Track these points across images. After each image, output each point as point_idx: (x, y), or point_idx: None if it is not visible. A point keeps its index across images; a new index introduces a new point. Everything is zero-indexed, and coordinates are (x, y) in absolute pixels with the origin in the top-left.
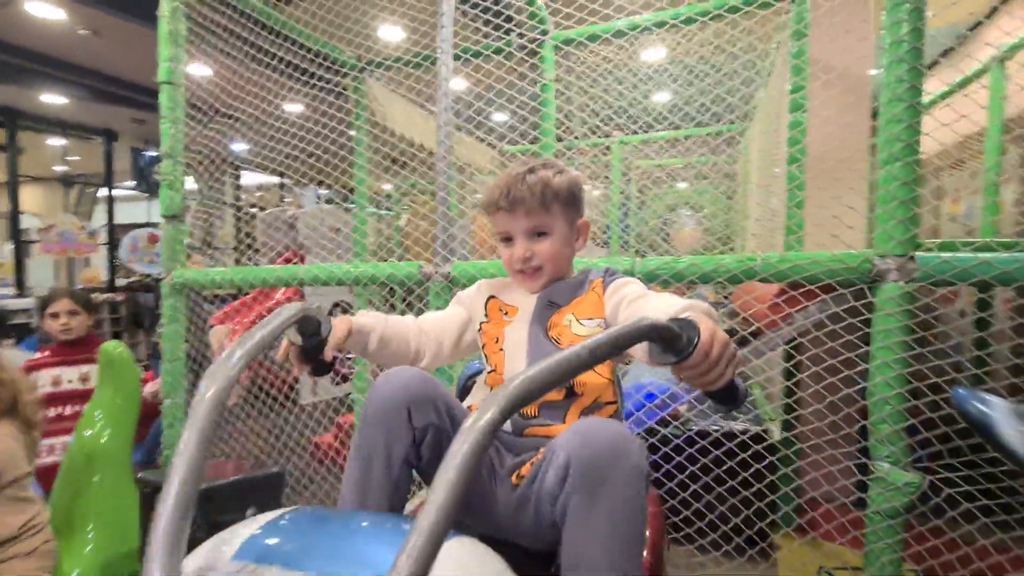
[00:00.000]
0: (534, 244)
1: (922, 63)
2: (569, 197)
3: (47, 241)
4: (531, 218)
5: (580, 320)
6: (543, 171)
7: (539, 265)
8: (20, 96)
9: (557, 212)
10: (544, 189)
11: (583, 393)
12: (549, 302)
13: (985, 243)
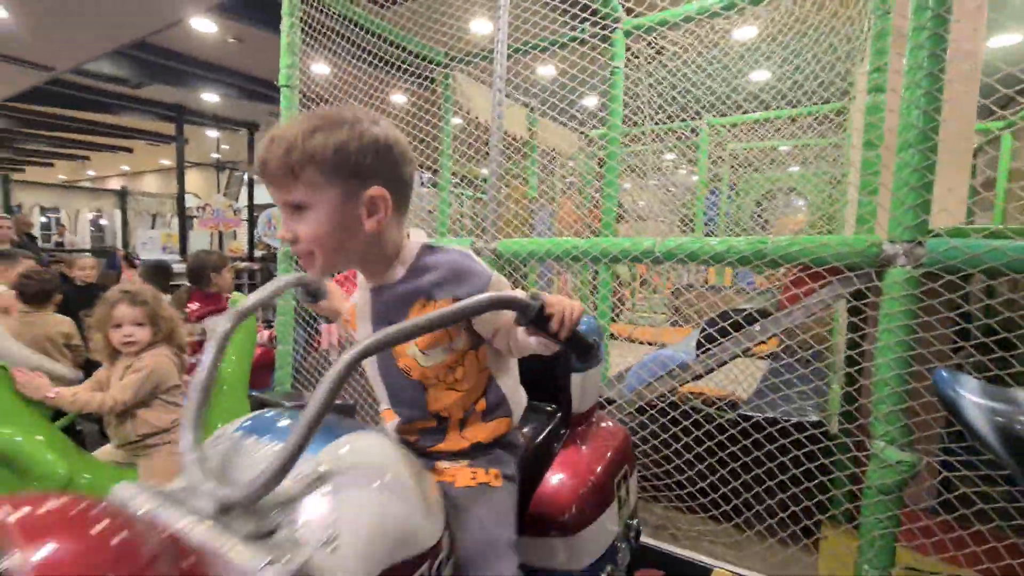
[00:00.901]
0: (294, 222)
1: (943, 50)
2: (337, 159)
3: (203, 218)
4: (280, 190)
5: (424, 351)
6: (294, 129)
7: (306, 250)
8: (185, 95)
9: (316, 180)
10: (288, 151)
11: (449, 415)
12: (387, 321)
13: (996, 230)
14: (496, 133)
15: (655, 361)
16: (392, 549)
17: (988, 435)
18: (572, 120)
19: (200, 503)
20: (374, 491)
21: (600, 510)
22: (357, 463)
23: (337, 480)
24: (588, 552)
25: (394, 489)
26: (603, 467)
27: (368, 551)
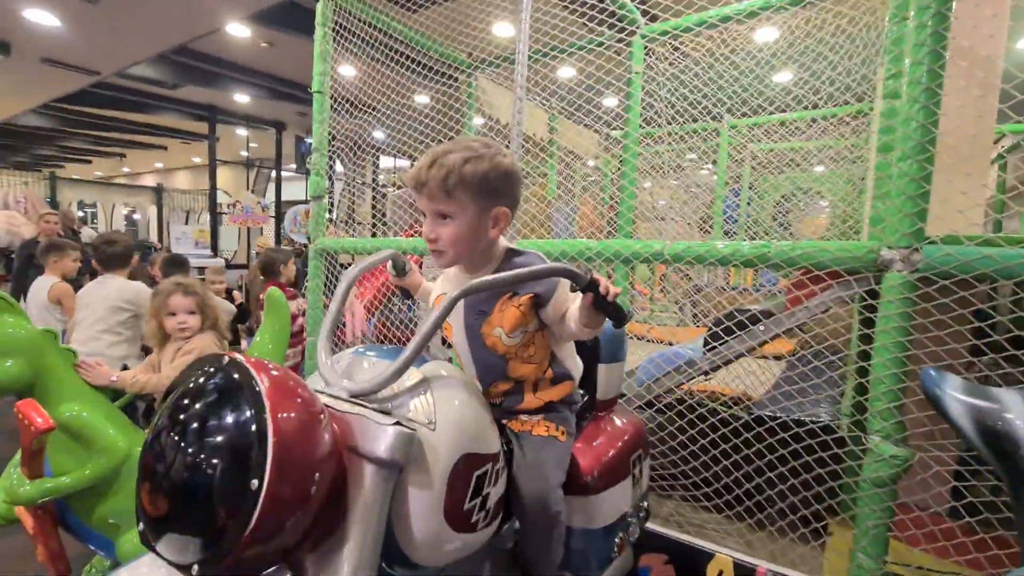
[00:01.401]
0: (439, 227)
1: (941, 66)
2: (482, 185)
3: (233, 214)
4: (434, 202)
5: (508, 334)
6: (454, 156)
7: (442, 249)
8: (217, 96)
9: (463, 199)
10: (448, 176)
11: (524, 380)
12: (478, 311)
13: (989, 238)
14: (516, 139)
15: (663, 357)
16: (470, 441)
17: (968, 430)
18: (594, 121)
19: (338, 391)
20: (462, 397)
21: (616, 480)
22: (447, 379)
23: (436, 385)
24: (602, 515)
25: (473, 401)
26: (621, 445)
27: (456, 436)
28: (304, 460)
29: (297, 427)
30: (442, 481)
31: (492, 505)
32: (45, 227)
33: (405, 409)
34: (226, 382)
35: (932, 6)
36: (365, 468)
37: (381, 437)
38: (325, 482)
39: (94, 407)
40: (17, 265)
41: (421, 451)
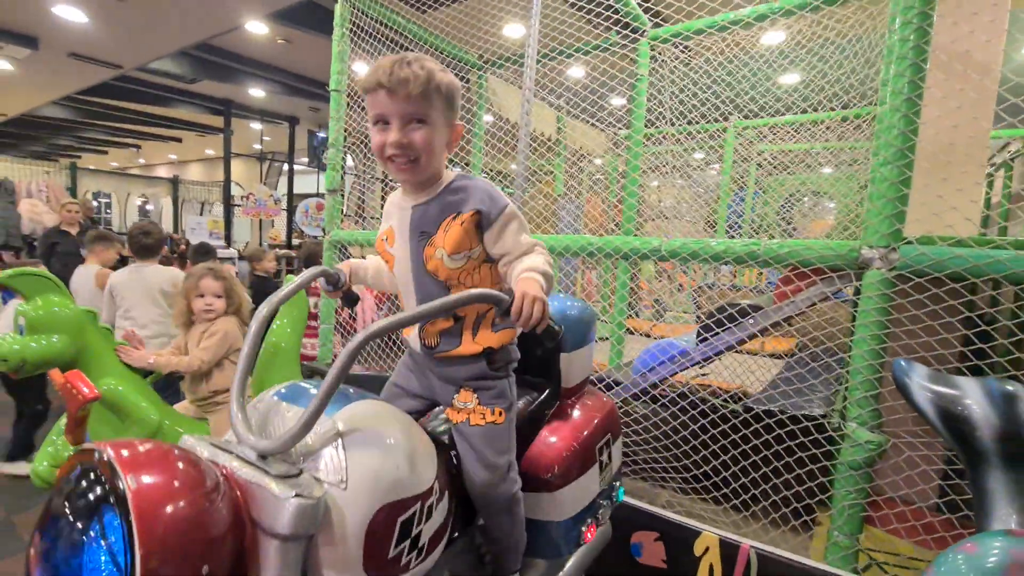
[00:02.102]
0: (412, 132)
1: (921, 78)
2: (450, 95)
3: (246, 206)
4: (412, 103)
5: (451, 255)
6: (428, 63)
7: (415, 156)
8: (234, 91)
9: (438, 106)
10: (429, 77)
11: (465, 315)
12: (421, 232)
13: (960, 239)
14: (524, 138)
15: (658, 348)
16: (389, 490)
17: (931, 415)
18: (600, 121)
19: (245, 451)
20: (376, 446)
21: (581, 471)
22: (364, 424)
23: (348, 436)
24: (569, 507)
25: (392, 446)
26: (586, 434)
27: (371, 491)
28: (183, 562)
29: (171, 529)
30: (357, 540)
31: (427, 540)
32: (67, 216)
33: (315, 467)
34: (92, 493)
35: (914, 21)
36: (268, 544)
37: (280, 511)
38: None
39: (129, 382)
40: (40, 252)
41: (330, 514)
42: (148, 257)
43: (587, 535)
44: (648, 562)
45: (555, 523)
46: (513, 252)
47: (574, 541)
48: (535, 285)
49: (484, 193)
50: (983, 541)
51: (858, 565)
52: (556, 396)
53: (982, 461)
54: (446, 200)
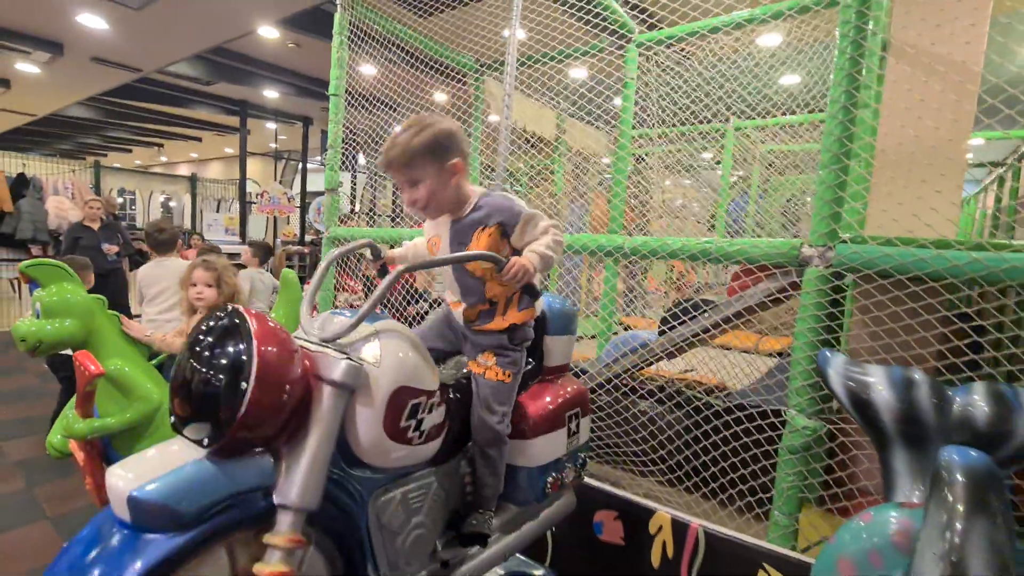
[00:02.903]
0: (415, 192)
1: (857, 88)
2: (431, 149)
3: (261, 203)
4: (404, 173)
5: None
6: (403, 135)
7: (423, 207)
8: (249, 92)
9: (423, 164)
10: (404, 151)
11: (498, 300)
12: (459, 242)
13: (889, 239)
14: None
15: (622, 340)
16: (407, 377)
17: (844, 399)
18: (597, 120)
19: (312, 338)
20: (404, 346)
21: (550, 429)
22: (395, 332)
23: (384, 336)
24: (537, 456)
25: (413, 350)
26: (559, 403)
27: (395, 372)
28: (279, 377)
29: (274, 354)
30: (382, 403)
31: (427, 428)
32: (89, 212)
33: (358, 351)
34: (228, 324)
35: (850, 35)
36: (324, 389)
37: (335, 367)
38: (295, 394)
39: (135, 363)
40: (65, 246)
41: (367, 380)
42: (166, 251)
43: (552, 487)
44: (608, 539)
45: (525, 468)
46: (531, 237)
47: (540, 490)
48: (527, 259)
49: (503, 207)
50: (878, 512)
51: (796, 544)
52: (539, 371)
53: (887, 442)
54: (474, 217)
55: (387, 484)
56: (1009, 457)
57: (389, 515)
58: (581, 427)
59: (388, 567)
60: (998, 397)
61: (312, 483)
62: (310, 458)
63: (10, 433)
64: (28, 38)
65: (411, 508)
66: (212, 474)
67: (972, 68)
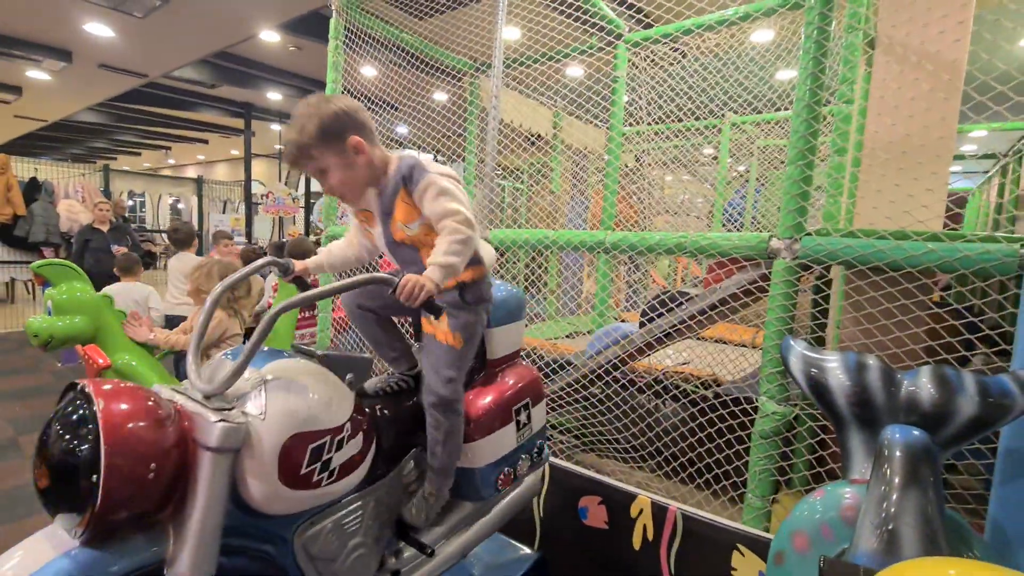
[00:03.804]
0: (326, 179)
1: (821, 87)
2: (321, 137)
3: (266, 204)
4: (307, 168)
5: (405, 224)
6: (292, 132)
7: (341, 192)
8: (253, 95)
9: (320, 153)
10: (296, 149)
11: None
12: (385, 213)
13: (850, 231)
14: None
15: (605, 332)
16: (300, 424)
17: (803, 384)
18: (597, 118)
19: (195, 393)
20: (292, 389)
21: (496, 427)
22: (285, 374)
23: (270, 383)
24: (484, 456)
25: (306, 390)
26: (504, 398)
27: (284, 421)
28: (136, 458)
29: (127, 436)
30: (272, 457)
31: (338, 465)
32: (98, 214)
33: (244, 403)
34: (73, 410)
35: (813, 35)
36: (203, 455)
37: (209, 432)
38: (167, 465)
39: (140, 357)
40: (75, 248)
41: (251, 437)
42: (183, 248)
43: (504, 482)
44: (593, 524)
45: (473, 469)
46: (434, 219)
47: (492, 486)
48: (424, 276)
49: (408, 168)
50: (831, 488)
51: (769, 525)
52: (483, 365)
53: (843, 423)
54: (395, 182)
55: (310, 519)
56: (953, 436)
57: (320, 546)
58: (533, 417)
59: None
60: (942, 380)
61: (203, 554)
62: (197, 529)
63: (27, 428)
64: (38, 47)
65: (346, 533)
66: (92, 564)
67: (959, 65)
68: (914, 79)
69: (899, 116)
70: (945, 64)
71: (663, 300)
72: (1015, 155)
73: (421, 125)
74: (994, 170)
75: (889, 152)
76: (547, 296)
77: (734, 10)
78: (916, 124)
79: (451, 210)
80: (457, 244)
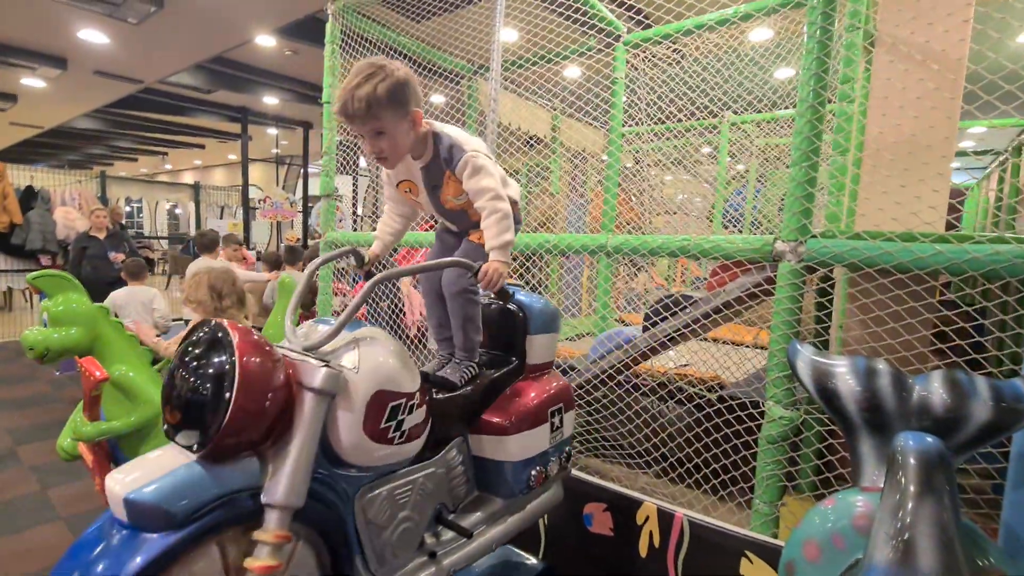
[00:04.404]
0: (379, 142)
1: (824, 87)
2: (392, 99)
3: (264, 209)
4: (367, 123)
5: (455, 197)
6: (366, 85)
7: (387, 156)
8: (249, 99)
9: (387, 115)
10: (369, 102)
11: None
12: (432, 186)
13: (856, 234)
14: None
15: (607, 336)
16: (384, 381)
17: (812, 389)
18: (596, 120)
19: (296, 347)
20: (383, 352)
21: (532, 425)
22: (373, 339)
23: (362, 344)
24: (519, 451)
25: (391, 355)
26: (541, 399)
27: (372, 377)
28: (260, 386)
29: (256, 365)
30: (361, 407)
31: (407, 428)
32: (95, 221)
33: (339, 358)
34: (212, 337)
35: (816, 35)
36: (306, 395)
37: (315, 375)
38: (278, 401)
39: (138, 368)
40: (72, 255)
41: (346, 386)
42: (207, 252)
43: (536, 480)
44: (598, 531)
45: (507, 463)
46: (471, 194)
47: (524, 483)
48: (496, 264)
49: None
50: (843, 496)
51: (777, 531)
52: (521, 369)
53: (854, 429)
54: (439, 161)
55: (373, 481)
56: (965, 441)
57: (376, 511)
58: (565, 422)
59: (376, 559)
60: (954, 384)
61: (296, 483)
62: (294, 460)
63: (24, 438)
64: (33, 54)
65: (397, 503)
66: (202, 477)
67: (959, 61)
68: (916, 77)
69: (901, 114)
70: (946, 61)
71: (667, 304)
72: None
73: None
74: (993, 166)
75: (891, 151)
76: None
77: (734, 10)
78: (918, 122)
79: (484, 188)
80: (501, 221)
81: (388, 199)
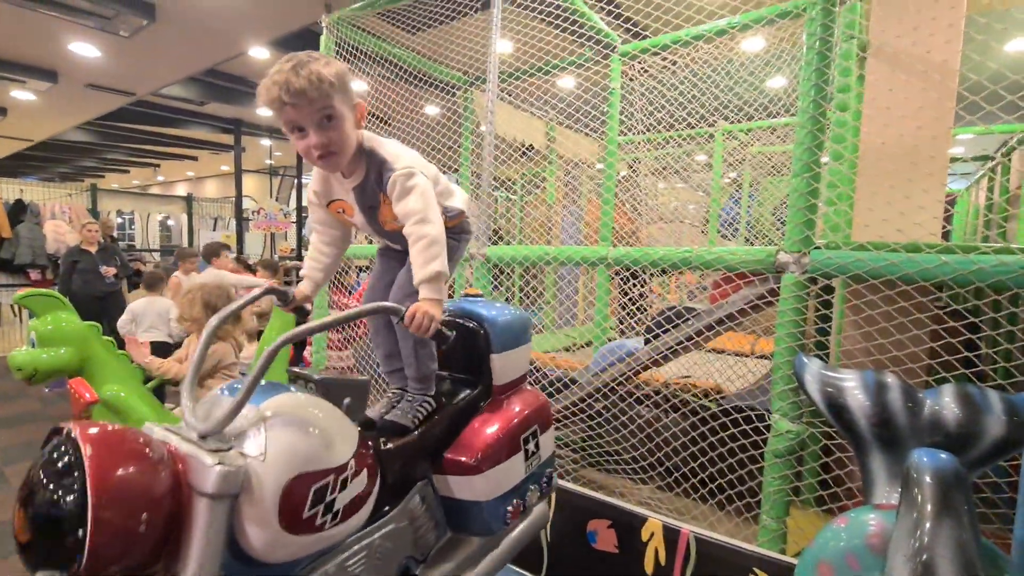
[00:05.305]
0: (328, 131)
1: (824, 98)
2: (342, 83)
3: (257, 220)
4: (316, 107)
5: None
6: (312, 65)
7: (336, 150)
8: (243, 111)
9: (338, 99)
10: (320, 79)
11: None
12: (368, 207)
13: (861, 245)
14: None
15: (609, 349)
16: (302, 463)
17: (821, 404)
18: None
19: (189, 433)
20: (293, 427)
21: (505, 457)
22: (285, 410)
23: (270, 420)
24: (491, 489)
25: (307, 427)
26: (512, 426)
27: (285, 462)
28: (126, 509)
29: (116, 485)
30: (273, 501)
31: (341, 507)
32: (87, 235)
33: (242, 443)
34: (60, 456)
35: (816, 46)
36: (200, 501)
37: (206, 476)
38: (161, 513)
39: (130, 388)
40: (63, 269)
41: (251, 480)
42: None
43: (513, 515)
44: (602, 548)
45: (481, 503)
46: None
47: (501, 519)
48: (425, 302)
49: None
50: (855, 515)
51: (785, 547)
52: (488, 392)
53: (864, 444)
54: (371, 179)
55: (310, 564)
56: (979, 457)
57: None
58: (542, 445)
59: None
60: (967, 399)
61: None
62: None
63: (12, 457)
64: (23, 67)
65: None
66: None
67: (951, 66)
68: (907, 81)
69: (892, 117)
70: (937, 65)
71: (669, 317)
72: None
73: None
74: (983, 172)
75: (885, 156)
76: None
77: (728, 21)
78: (910, 124)
79: (409, 211)
80: (428, 249)
81: (316, 224)
